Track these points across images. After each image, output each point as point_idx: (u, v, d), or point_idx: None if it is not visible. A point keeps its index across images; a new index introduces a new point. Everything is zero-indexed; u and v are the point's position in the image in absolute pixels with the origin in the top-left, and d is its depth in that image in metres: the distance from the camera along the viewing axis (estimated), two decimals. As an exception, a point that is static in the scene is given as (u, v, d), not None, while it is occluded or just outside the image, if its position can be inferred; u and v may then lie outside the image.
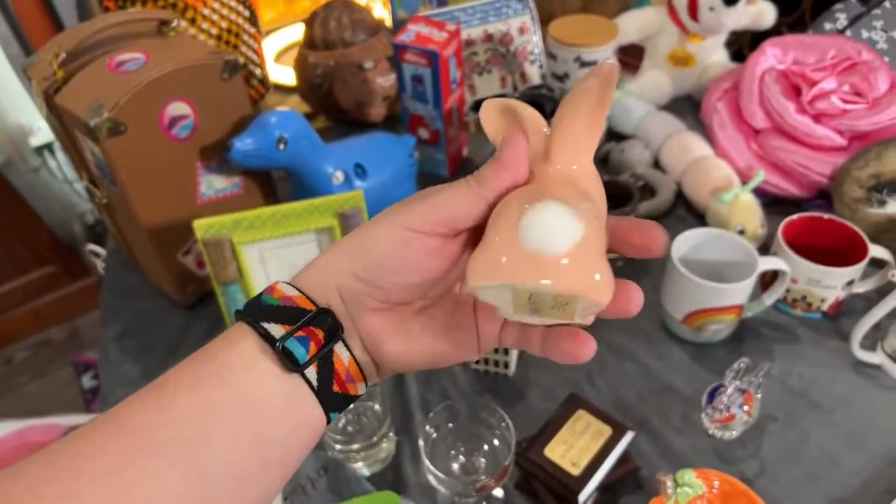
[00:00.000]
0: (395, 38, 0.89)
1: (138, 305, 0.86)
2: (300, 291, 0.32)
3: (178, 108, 0.71)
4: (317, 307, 0.32)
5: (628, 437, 0.65)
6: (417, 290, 0.32)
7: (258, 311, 0.31)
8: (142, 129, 0.68)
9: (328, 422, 0.32)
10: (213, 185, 0.79)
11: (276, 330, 0.30)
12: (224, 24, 0.91)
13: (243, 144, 0.74)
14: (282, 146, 0.75)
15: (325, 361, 0.31)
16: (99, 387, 1.70)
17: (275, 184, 0.86)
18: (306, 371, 0.31)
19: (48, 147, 1.65)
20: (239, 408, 0.30)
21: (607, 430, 0.65)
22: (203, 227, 0.68)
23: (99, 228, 1.79)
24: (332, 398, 0.31)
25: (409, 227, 0.30)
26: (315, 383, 0.31)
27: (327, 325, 0.31)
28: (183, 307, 0.84)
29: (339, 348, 0.32)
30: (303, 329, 0.31)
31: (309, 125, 0.79)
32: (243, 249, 0.70)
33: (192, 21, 0.88)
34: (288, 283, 0.33)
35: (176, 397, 0.29)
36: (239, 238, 0.69)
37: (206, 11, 0.88)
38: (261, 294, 0.33)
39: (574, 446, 0.64)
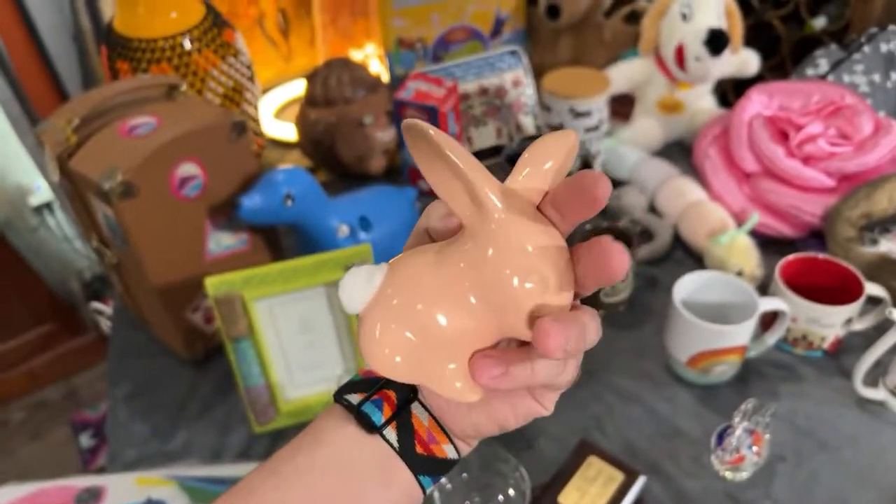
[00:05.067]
0: (396, 95, 0.92)
1: (146, 364, 0.87)
2: None
3: (188, 168, 0.73)
4: None
5: (640, 481, 0.65)
6: None
7: (345, 389, 0.34)
8: (153, 191, 0.70)
9: (423, 489, 0.33)
10: (221, 242, 0.80)
11: (354, 398, 0.33)
12: (231, 84, 0.94)
13: (251, 202, 0.75)
14: (289, 203, 0.77)
15: (404, 423, 0.32)
16: (97, 446, 1.69)
17: (281, 239, 0.88)
18: (386, 433, 0.32)
19: (47, 206, 1.66)
20: (335, 464, 0.32)
21: (619, 476, 0.66)
22: (214, 284, 0.69)
23: (97, 285, 1.79)
24: (417, 460, 0.32)
25: None
26: (396, 444, 0.32)
27: (399, 385, 0.33)
28: (191, 364, 0.84)
29: (416, 409, 0.33)
30: (378, 393, 0.33)
31: (315, 181, 0.80)
32: (254, 305, 0.71)
33: (202, 80, 0.91)
34: None
35: (282, 464, 0.33)
36: (250, 294, 0.70)
37: (215, 73, 0.91)
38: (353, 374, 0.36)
39: (587, 493, 0.64)
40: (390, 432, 0.32)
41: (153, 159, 0.69)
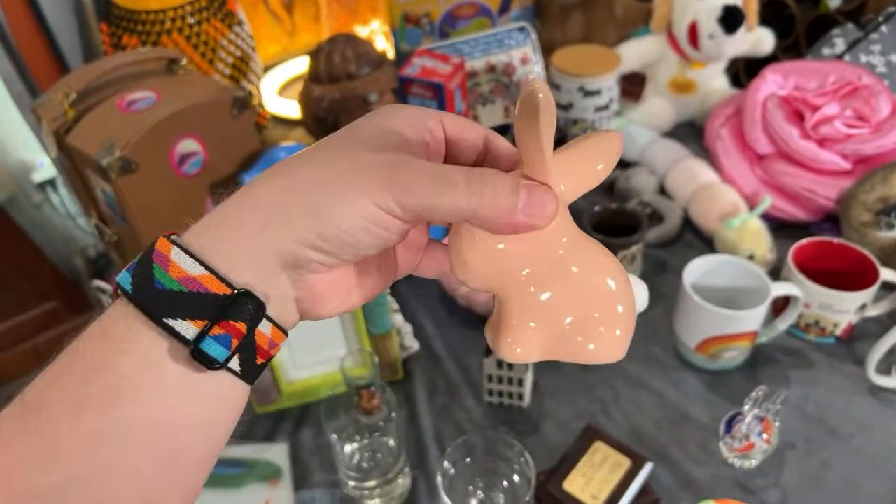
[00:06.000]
0: (402, 72, 0.90)
1: (147, 342, 0.86)
2: (206, 267, 0.25)
3: (189, 145, 0.71)
4: (233, 290, 0.25)
5: (647, 468, 0.64)
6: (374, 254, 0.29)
7: (155, 299, 0.25)
8: (153, 167, 0.69)
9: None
10: (223, 220, 0.79)
11: (187, 329, 0.25)
12: (239, 54, 0.93)
13: (253, 180, 0.74)
14: (291, 181, 0.76)
15: (248, 346, 0.26)
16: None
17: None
18: (230, 364, 0.26)
19: (51, 182, 1.65)
20: (145, 427, 0.25)
21: (626, 462, 0.65)
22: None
23: (101, 262, 1.79)
24: (255, 371, 0.28)
25: (386, 208, 0.26)
26: (238, 369, 0.27)
27: (248, 313, 0.26)
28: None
29: (262, 325, 0.27)
30: (220, 325, 0.25)
31: (317, 159, 0.79)
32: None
33: (213, 50, 0.90)
34: (184, 250, 0.25)
35: (59, 427, 0.24)
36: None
37: (224, 43, 0.90)
38: (150, 266, 0.25)
39: (593, 479, 0.63)
40: (233, 361, 0.26)
41: (152, 134, 0.67)
